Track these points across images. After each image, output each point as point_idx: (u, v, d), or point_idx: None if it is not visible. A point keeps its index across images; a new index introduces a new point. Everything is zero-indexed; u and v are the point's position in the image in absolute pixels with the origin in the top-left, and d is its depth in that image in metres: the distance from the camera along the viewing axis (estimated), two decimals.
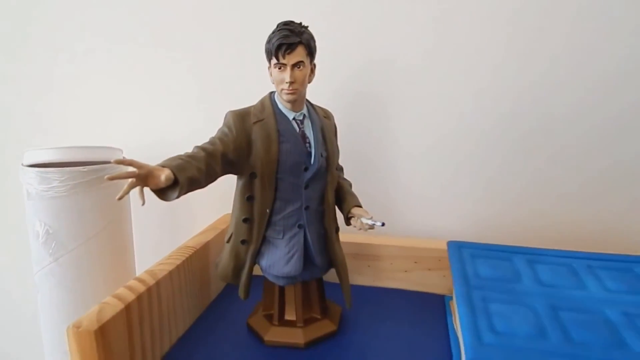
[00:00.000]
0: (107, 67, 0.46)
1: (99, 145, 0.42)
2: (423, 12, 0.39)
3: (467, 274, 0.31)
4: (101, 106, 0.47)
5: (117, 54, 0.46)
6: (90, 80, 0.47)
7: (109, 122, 0.47)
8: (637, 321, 0.26)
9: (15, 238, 0.52)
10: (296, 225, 0.30)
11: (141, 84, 0.46)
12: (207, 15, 0.43)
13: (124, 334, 0.26)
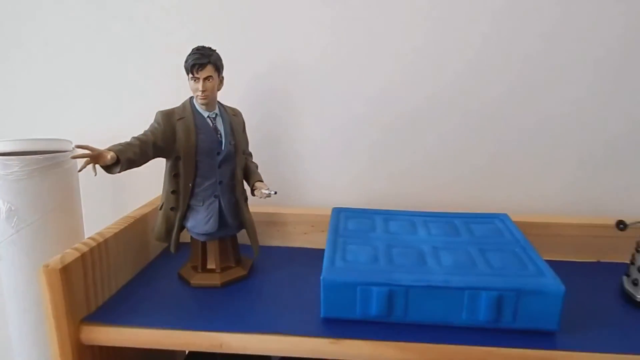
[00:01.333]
0: (57, 64, 0.54)
1: (52, 137, 0.50)
2: (320, 15, 0.51)
3: (338, 228, 0.43)
4: (54, 101, 0.55)
5: (62, 50, 0.54)
6: (42, 77, 0.55)
7: (60, 116, 0.55)
8: (439, 252, 0.38)
9: None
10: (212, 195, 0.41)
11: (87, 81, 0.54)
12: (151, 18, 0.52)
13: (80, 275, 0.36)
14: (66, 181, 0.48)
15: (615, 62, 0.48)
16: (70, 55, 0.54)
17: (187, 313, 0.37)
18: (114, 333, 0.35)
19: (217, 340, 0.35)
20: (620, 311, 0.38)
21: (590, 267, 0.47)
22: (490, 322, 0.34)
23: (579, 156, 0.51)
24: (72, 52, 0.54)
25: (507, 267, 0.36)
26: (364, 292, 0.35)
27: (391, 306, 0.35)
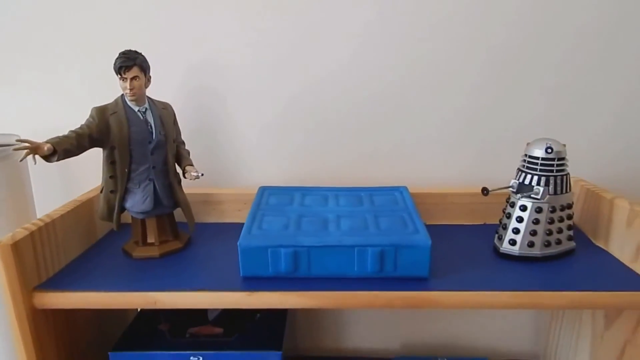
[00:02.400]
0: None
1: (5, 132, 0.55)
2: (245, 16, 0.57)
3: (260, 203, 0.50)
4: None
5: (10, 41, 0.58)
6: None
7: (5, 112, 0.60)
8: (340, 219, 0.46)
9: None
10: (147, 179, 0.47)
11: (29, 80, 0.59)
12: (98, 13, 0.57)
13: (30, 250, 0.42)
14: (16, 172, 0.53)
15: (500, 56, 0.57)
16: (12, 54, 0.58)
17: (128, 279, 0.44)
18: (62, 297, 0.42)
19: (152, 298, 0.41)
20: (487, 261, 0.47)
21: (478, 229, 0.56)
22: (375, 273, 0.42)
23: (468, 137, 0.60)
24: (14, 51, 0.58)
25: (391, 228, 0.44)
26: (273, 253, 0.42)
27: (297, 264, 0.42)
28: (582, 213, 0.55)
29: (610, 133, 0.59)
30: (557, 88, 0.58)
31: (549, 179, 0.46)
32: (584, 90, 0.58)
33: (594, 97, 0.58)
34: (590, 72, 0.57)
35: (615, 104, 0.58)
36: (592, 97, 0.58)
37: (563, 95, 0.58)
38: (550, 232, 0.46)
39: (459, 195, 0.57)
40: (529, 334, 0.66)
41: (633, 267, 0.45)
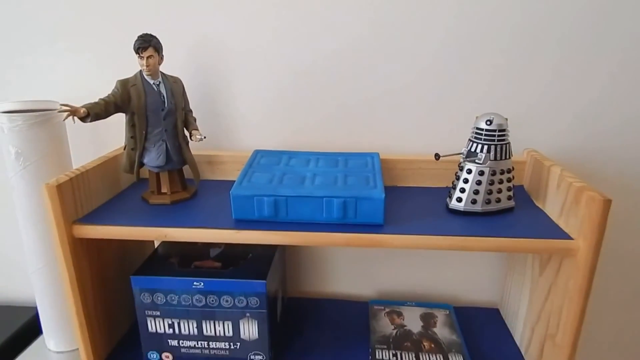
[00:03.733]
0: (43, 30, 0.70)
1: (45, 99, 0.66)
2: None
3: (252, 163, 0.61)
4: (41, 67, 0.71)
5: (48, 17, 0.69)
6: (35, 49, 0.70)
7: (49, 81, 0.71)
8: (316, 177, 0.56)
9: None
10: (160, 139, 0.58)
11: (68, 53, 0.70)
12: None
13: (70, 192, 0.53)
14: (57, 132, 0.65)
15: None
16: (53, 31, 0.69)
17: (145, 219, 0.55)
18: (95, 230, 0.53)
19: (163, 232, 0.53)
20: (437, 215, 0.56)
21: (439, 190, 0.65)
22: (340, 219, 0.52)
23: (438, 112, 0.68)
24: (55, 28, 0.69)
25: (355, 184, 0.54)
26: (258, 201, 0.53)
27: (277, 210, 0.53)
28: (530, 178, 0.63)
29: (568, 109, 0.67)
30: (510, 66, 0.65)
31: (491, 147, 0.54)
32: (543, 70, 0.65)
33: (552, 78, 0.65)
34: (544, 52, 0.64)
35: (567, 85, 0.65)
36: (551, 77, 0.65)
37: (522, 75, 0.65)
38: (491, 192, 0.55)
39: (425, 162, 0.66)
40: (488, 284, 0.76)
41: (557, 222, 0.53)
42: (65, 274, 0.55)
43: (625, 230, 0.72)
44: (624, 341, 0.79)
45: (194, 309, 0.59)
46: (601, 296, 0.76)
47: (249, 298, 0.57)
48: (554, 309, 0.55)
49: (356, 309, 0.74)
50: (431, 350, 0.63)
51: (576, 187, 0.50)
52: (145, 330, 0.60)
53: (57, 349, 0.73)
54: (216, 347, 0.60)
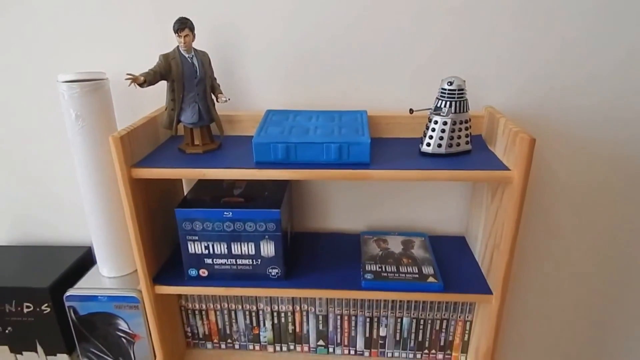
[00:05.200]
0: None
1: (95, 71, 0.81)
2: None
3: (266, 120, 0.76)
4: (92, 42, 0.85)
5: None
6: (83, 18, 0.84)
7: (98, 55, 0.86)
8: (317, 129, 0.72)
9: (54, 120, 0.91)
10: (194, 101, 0.73)
11: (116, 31, 0.84)
12: None
13: (127, 143, 0.69)
14: (105, 97, 0.80)
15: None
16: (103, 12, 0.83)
17: (185, 163, 0.71)
18: (148, 171, 0.69)
19: (201, 172, 0.69)
20: (412, 157, 0.73)
21: (416, 140, 0.81)
22: (337, 159, 0.69)
23: (421, 74, 0.84)
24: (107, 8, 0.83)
25: (348, 134, 0.70)
26: (274, 147, 0.69)
27: (288, 154, 0.69)
28: (486, 129, 0.80)
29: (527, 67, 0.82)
30: (472, 34, 0.80)
31: (452, 102, 0.70)
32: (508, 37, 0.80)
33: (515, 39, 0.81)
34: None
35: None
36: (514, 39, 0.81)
37: (483, 41, 0.81)
38: (452, 138, 0.72)
39: (402, 117, 0.82)
40: (456, 217, 0.93)
41: (502, 159, 0.70)
42: (127, 208, 0.71)
43: (559, 167, 0.89)
44: (549, 249, 0.97)
45: (224, 233, 0.75)
46: (536, 222, 0.94)
47: (267, 224, 0.74)
48: (499, 226, 0.72)
49: (350, 239, 0.92)
50: (409, 264, 0.81)
51: (514, 131, 0.66)
52: (187, 251, 0.77)
53: (109, 275, 0.90)
54: (242, 264, 0.78)
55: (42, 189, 0.98)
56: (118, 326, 0.87)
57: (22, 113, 0.91)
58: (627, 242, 0.94)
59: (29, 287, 0.86)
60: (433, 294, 0.76)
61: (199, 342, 0.94)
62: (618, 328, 1.03)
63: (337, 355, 0.92)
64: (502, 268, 0.71)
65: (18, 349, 0.91)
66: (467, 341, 0.88)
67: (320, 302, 0.88)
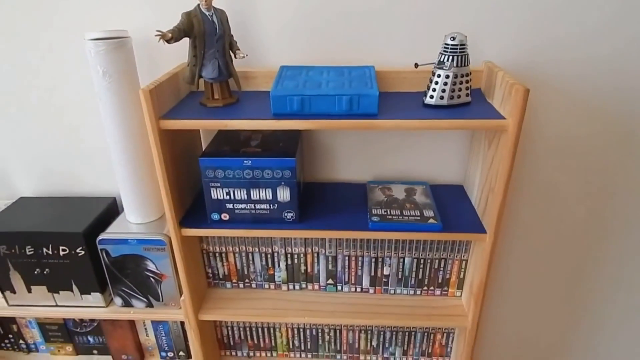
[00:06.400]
0: None
1: (119, 29, 0.85)
2: None
3: (281, 75, 0.82)
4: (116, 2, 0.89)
5: None
6: None
7: (120, 11, 0.90)
8: (329, 82, 0.78)
9: (82, 77, 0.97)
10: (214, 57, 0.78)
11: None
12: None
13: (155, 96, 0.74)
14: (129, 54, 0.85)
15: None
16: None
17: (207, 115, 0.78)
18: (174, 123, 0.76)
19: (223, 123, 0.75)
20: (417, 108, 0.79)
21: (420, 94, 0.87)
22: (347, 110, 0.75)
23: (423, 31, 0.88)
24: None
25: (358, 86, 0.76)
26: (290, 99, 0.75)
27: (303, 105, 0.75)
28: (485, 82, 0.85)
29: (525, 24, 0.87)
30: None
31: (454, 57, 0.76)
32: None
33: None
34: None
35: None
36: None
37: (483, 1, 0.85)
38: (454, 90, 0.78)
39: (408, 72, 0.87)
40: (455, 167, 1.01)
41: (498, 110, 0.77)
42: (156, 157, 0.78)
43: (553, 118, 0.95)
44: (539, 193, 1.06)
45: (244, 180, 0.83)
46: (531, 169, 1.02)
47: (283, 171, 0.82)
48: (494, 171, 0.80)
49: (357, 188, 0.99)
50: (411, 208, 0.89)
51: (510, 83, 0.72)
52: (210, 197, 0.85)
53: (136, 221, 0.98)
54: (260, 208, 0.85)
55: (68, 142, 1.04)
56: (146, 267, 0.96)
57: (52, 70, 0.96)
58: (613, 185, 1.02)
59: (64, 232, 0.94)
60: (433, 234, 0.84)
61: (219, 282, 1.04)
62: (602, 265, 1.13)
63: (345, 293, 1.02)
64: (495, 209, 0.79)
65: (55, 289, 1.00)
66: (463, 278, 0.98)
67: (330, 244, 0.96)
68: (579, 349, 1.26)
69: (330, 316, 0.96)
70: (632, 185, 1.01)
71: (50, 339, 1.14)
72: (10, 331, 1.14)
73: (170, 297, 0.99)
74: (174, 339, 1.11)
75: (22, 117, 1.01)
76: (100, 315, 1.01)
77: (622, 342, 1.25)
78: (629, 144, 0.97)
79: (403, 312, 0.96)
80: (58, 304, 1.02)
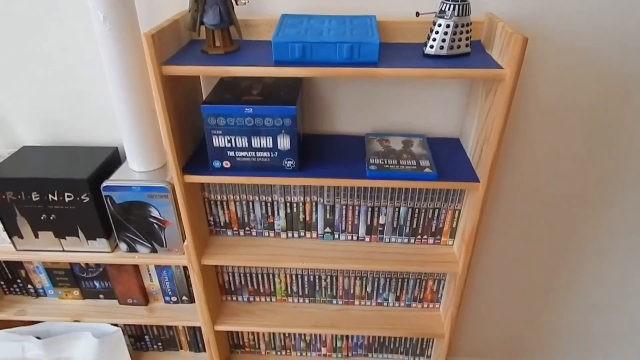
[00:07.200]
0: None
1: None
2: None
3: (282, 23, 0.82)
4: None
5: None
6: None
7: None
8: (330, 30, 0.78)
9: (82, 24, 0.96)
10: (215, 4, 0.78)
11: None
12: None
13: (157, 40, 0.75)
14: (129, 0, 0.85)
15: None
16: None
17: (209, 61, 0.78)
18: (175, 69, 0.76)
19: (225, 69, 0.76)
20: (416, 58, 0.80)
21: (420, 45, 0.87)
22: (348, 58, 0.76)
23: None
24: None
25: (359, 35, 0.77)
26: (291, 46, 0.75)
27: (304, 53, 0.76)
28: (485, 34, 0.86)
29: None
30: None
31: (455, 6, 0.76)
32: None
33: None
34: None
35: None
36: None
37: None
38: (454, 40, 0.79)
39: (408, 23, 0.88)
40: (453, 120, 1.03)
41: (497, 60, 0.78)
42: (158, 103, 0.79)
43: (551, 70, 0.97)
44: (532, 145, 1.09)
45: (245, 128, 0.85)
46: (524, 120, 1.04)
47: (284, 119, 0.83)
48: (490, 122, 0.82)
49: (355, 140, 1.01)
50: (408, 158, 0.91)
51: (509, 33, 0.73)
52: (212, 144, 0.87)
53: (139, 169, 1.00)
54: (261, 156, 0.88)
55: (69, 91, 1.04)
56: (150, 213, 0.99)
57: (52, 18, 0.95)
58: (607, 142, 1.05)
59: (69, 178, 0.96)
60: (428, 182, 0.87)
61: (220, 229, 1.07)
62: (593, 213, 1.17)
63: (342, 241, 1.06)
64: (489, 158, 0.81)
65: (61, 234, 1.04)
66: (455, 227, 1.02)
67: (329, 194, 0.99)
68: (566, 294, 1.33)
69: (328, 262, 1.00)
70: (627, 142, 1.04)
71: (57, 283, 1.19)
72: (19, 276, 1.18)
73: (174, 244, 1.03)
74: (177, 284, 1.16)
75: (22, 66, 1.01)
76: (105, 260, 1.05)
77: (608, 277, 1.31)
78: (626, 102, 0.99)
79: (397, 258, 1.01)
80: (65, 249, 1.06)
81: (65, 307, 1.19)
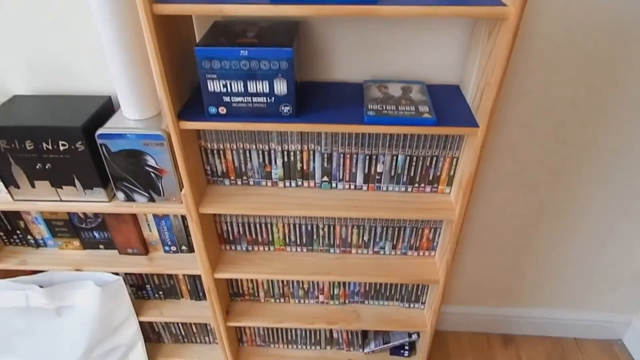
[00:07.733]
0: None
1: None
2: None
3: None
4: None
5: None
6: None
7: None
8: None
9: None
10: None
11: None
12: None
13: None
14: None
15: None
16: None
17: (205, 1, 0.75)
18: (170, 7, 0.73)
19: (219, 8, 0.73)
20: None
21: None
22: None
23: None
24: None
25: None
26: None
27: None
28: None
29: None
30: None
31: None
32: None
33: None
34: None
35: None
36: None
37: None
38: None
39: None
40: (453, 66, 1.01)
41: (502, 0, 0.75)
42: (149, 45, 0.77)
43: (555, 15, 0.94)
44: (533, 91, 1.08)
45: (240, 71, 0.82)
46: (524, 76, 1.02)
47: (280, 62, 0.81)
48: (491, 64, 0.80)
49: (354, 87, 0.99)
50: (407, 104, 0.90)
51: None
52: (206, 89, 0.85)
53: (134, 117, 0.99)
54: (257, 101, 0.86)
55: (58, 37, 1.01)
56: (147, 162, 0.98)
57: None
58: (608, 86, 1.03)
59: (63, 126, 0.94)
60: (427, 128, 0.86)
61: (217, 179, 1.07)
62: (591, 159, 1.18)
63: (339, 190, 1.06)
64: (490, 101, 0.80)
65: (58, 184, 1.03)
66: (452, 176, 1.02)
67: (326, 142, 0.99)
68: (561, 239, 1.36)
69: (325, 209, 1.01)
70: (635, 89, 1.02)
71: (57, 234, 1.19)
72: (18, 227, 1.19)
73: (171, 193, 1.03)
74: (176, 234, 1.17)
75: (9, 13, 0.97)
76: (103, 210, 1.06)
77: (596, 221, 1.34)
78: (636, 48, 0.96)
79: (394, 206, 1.02)
80: (62, 199, 1.06)
81: (66, 257, 1.21)
